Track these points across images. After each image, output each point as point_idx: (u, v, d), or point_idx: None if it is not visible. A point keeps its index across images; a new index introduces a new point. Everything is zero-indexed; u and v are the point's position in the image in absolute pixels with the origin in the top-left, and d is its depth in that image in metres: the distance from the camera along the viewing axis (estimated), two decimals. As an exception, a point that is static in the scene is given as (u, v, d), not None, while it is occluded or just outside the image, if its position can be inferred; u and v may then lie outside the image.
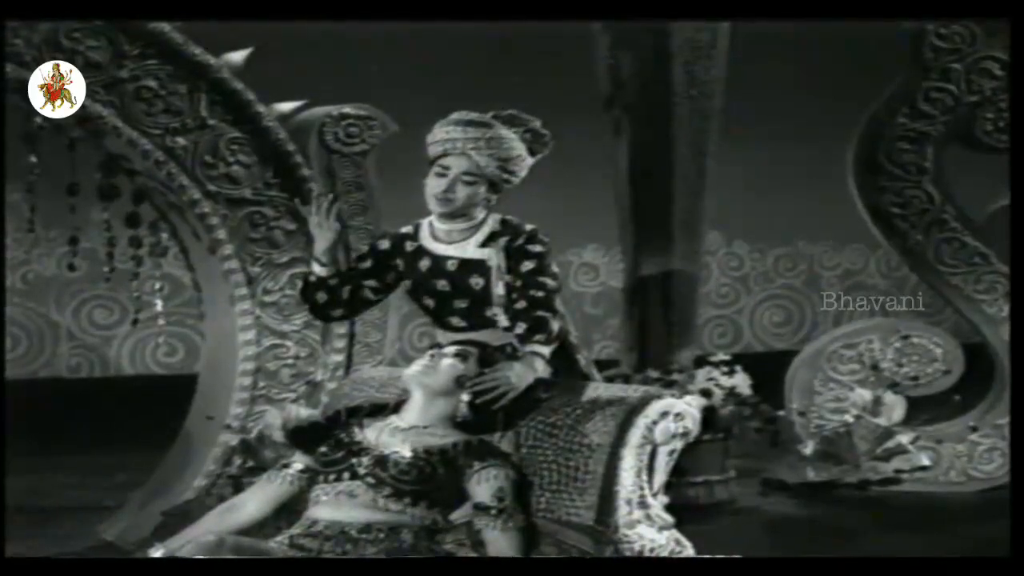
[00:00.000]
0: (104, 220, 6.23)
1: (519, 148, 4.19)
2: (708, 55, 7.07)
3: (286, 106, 6.19)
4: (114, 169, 6.15)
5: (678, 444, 3.88)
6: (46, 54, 5.64)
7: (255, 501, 3.89)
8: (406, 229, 4.30)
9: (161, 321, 8.54)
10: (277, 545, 3.67)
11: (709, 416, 4.26)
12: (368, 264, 4.30)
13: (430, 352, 4.04)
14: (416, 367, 3.99)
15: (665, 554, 3.79)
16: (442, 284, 4.16)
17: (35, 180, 6.03)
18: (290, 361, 6.25)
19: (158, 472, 6.36)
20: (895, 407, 7.32)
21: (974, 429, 7.38)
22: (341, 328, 6.27)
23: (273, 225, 6.18)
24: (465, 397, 3.94)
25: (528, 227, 4.17)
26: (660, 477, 3.88)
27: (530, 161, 4.25)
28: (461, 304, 4.15)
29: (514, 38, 9.21)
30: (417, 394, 3.95)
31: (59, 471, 7.90)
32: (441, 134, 4.17)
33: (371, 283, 4.29)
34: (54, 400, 9.98)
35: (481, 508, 3.73)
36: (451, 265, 4.15)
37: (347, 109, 6.24)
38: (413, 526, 3.70)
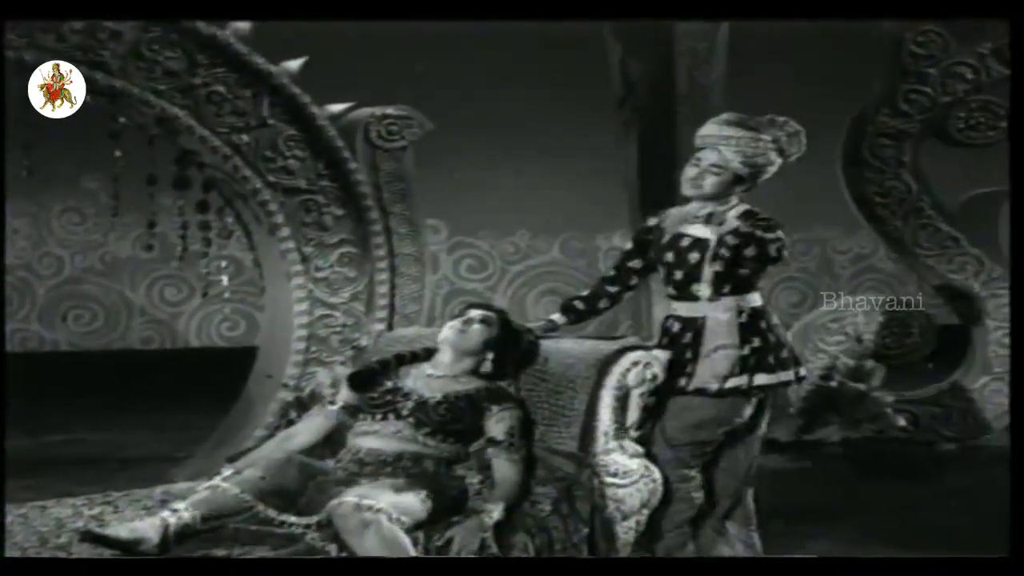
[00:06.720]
0: (178, 207, 6.64)
1: (766, 150, 4.43)
2: (708, 61, 7.50)
3: (336, 107, 6.56)
4: (187, 162, 6.53)
5: (647, 388, 4.39)
6: (130, 63, 6.09)
7: (307, 432, 4.47)
8: (652, 221, 4.70)
9: (227, 295, 8.98)
10: (329, 465, 4.24)
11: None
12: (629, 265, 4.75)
13: (463, 319, 4.52)
14: (449, 331, 4.51)
15: (636, 477, 4.33)
16: (669, 256, 4.53)
17: (119, 171, 6.45)
18: (338, 329, 6.60)
19: (223, 426, 6.76)
20: (875, 374, 7.75)
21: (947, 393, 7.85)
22: (383, 300, 6.65)
23: (324, 211, 6.53)
24: (490, 355, 4.47)
25: (758, 229, 4.36)
26: (632, 415, 4.39)
27: (778, 161, 4.48)
28: (677, 276, 4.53)
29: (540, 43, 9.57)
30: (448, 352, 4.49)
31: (134, 428, 8.44)
32: (704, 130, 4.51)
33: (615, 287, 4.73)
34: (128, 369, 10.47)
35: (495, 442, 4.31)
36: (685, 242, 4.49)
37: (389, 110, 6.65)
38: (435, 456, 4.27)
